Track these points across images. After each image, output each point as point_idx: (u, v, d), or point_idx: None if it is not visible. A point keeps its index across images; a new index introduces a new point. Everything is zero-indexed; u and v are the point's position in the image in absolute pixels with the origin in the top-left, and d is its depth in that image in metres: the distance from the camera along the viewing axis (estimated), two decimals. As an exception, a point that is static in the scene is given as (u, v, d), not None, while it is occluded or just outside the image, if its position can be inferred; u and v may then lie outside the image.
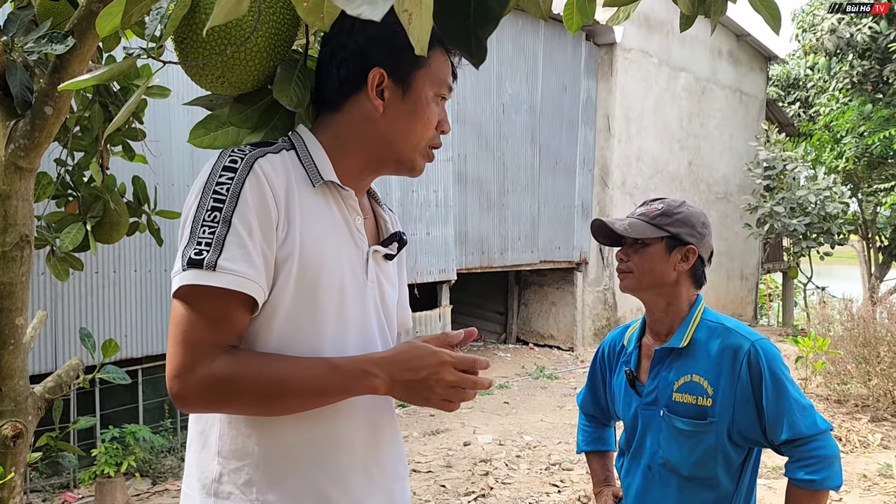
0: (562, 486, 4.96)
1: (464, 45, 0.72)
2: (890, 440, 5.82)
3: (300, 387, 1.11)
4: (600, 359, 2.07)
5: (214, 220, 1.09)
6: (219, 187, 1.11)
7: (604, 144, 10.32)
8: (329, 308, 1.19)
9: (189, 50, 1.18)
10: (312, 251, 1.16)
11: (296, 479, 1.17)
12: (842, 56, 12.71)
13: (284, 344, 1.16)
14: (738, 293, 13.32)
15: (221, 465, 1.17)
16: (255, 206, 1.11)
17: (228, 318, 1.10)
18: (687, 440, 1.75)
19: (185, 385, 1.07)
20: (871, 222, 13.82)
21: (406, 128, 1.24)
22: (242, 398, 1.10)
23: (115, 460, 4.72)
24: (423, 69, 1.23)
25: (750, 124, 13.15)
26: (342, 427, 1.20)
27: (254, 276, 1.10)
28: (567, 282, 10.37)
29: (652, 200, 1.88)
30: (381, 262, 1.32)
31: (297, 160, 1.22)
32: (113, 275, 5.14)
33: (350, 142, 1.26)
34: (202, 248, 1.08)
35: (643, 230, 1.79)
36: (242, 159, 1.14)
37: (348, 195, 1.24)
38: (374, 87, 1.21)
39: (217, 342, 1.09)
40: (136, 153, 3.11)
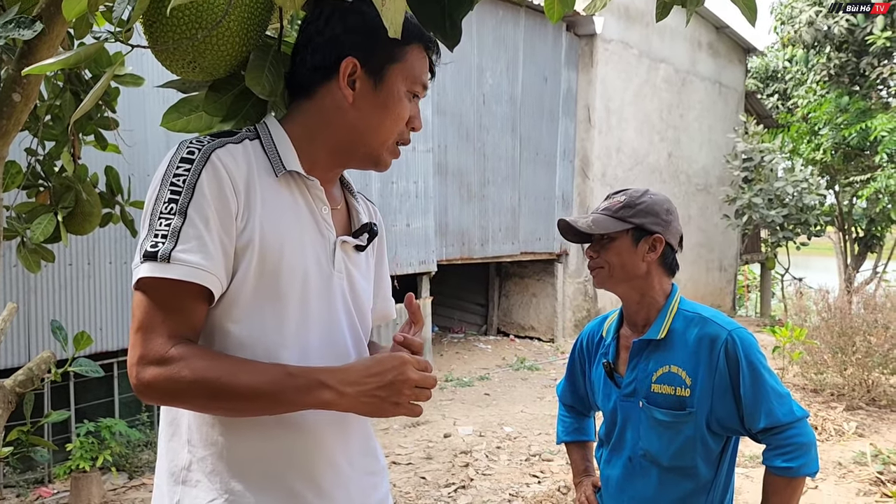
0: (542, 477, 4.98)
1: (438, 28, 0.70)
2: (864, 429, 5.90)
3: (249, 392, 1.07)
4: (579, 350, 2.06)
5: (171, 212, 1.09)
6: (175, 179, 1.10)
7: (584, 136, 10.34)
8: (291, 297, 1.17)
9: (159, 34, 1.14)
10: (272, 240, 1.15)
11: (260, 471, 1.17)
12: (819, 48, 12.82)
13: (246, 333, 1.15)
14: (717, 284, 13.43)
15: (191, 453, 1.17)
16: (213, 197, 1.10)
17: (183, 310, 1.10)
18: (666, 431, 1.76)
19: (139, 376, 1.07)
20: (847, 214, 13.98)
21: (375, 121, 1.22)
22: (192, 395, 1.08)
23: (90, 455, 4.66)
24: (397, 63, 1.21)
25: (729, 116, 13.24)
26: (307, 420, 1.18)
27: (209, 267, 1.09)
28: (548, 273, 10.39)
29: (615, 193, 1.87)
30: (352, 253, 1.30)
31: (261, 149, 1.20)
32: (87, 267, 5.06)
33: (318, 131, 1.23)
34: (158, 240, 1.07)
35: (607, 225, 1.77)
36: (200, 150, 1.13)
37: (313, 185, 1.22)
38: (346, 77, 1.19)
39: (171, 334, 1.08)
40: (108, 143, 3.05)
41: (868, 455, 5.13)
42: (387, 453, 5.49)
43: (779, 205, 11.84)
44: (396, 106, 1.22)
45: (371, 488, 1.30)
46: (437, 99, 8.29)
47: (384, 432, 6.04)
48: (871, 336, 6.64)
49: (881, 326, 6.66)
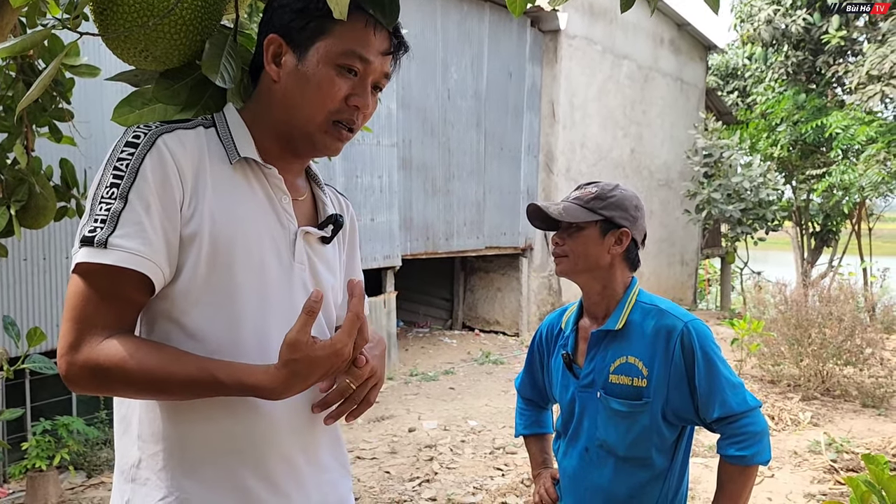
0: (506, 470, 5.01)
1: (377, 4, 0.70)
2: (819, 418, 6.05)
3: (177, 390, 1.06)
4: (538, 342, 2.06)
5: (112, 196, 1.05)
6: (119, 163, 1.07)
7: (549, 131, 10.40)
8: (247, 288, 1.14)
9: (109, 21, 1.12)
10: (224, 230, 1.11)
11: (212, 467, 1.13)
12: (777, 47, 13.08)
13: (197, 326, 1.11)
14: (679, 278, 13.64)
15: (141, 449, 1.14)
16: (156, 183, 1.07)
17: (119, 298, 1.06)
18: (623, 420, 1.78)
19: (69, 364, 1.04)
20: (803, 209, 14.30)
21: (297, 97, 1.16)
22: (121, 386, 1.06)
23: (47, 453, 4.56)
24: (325, 36, 1.14)
25: (690, 112, 13.43)
26: (262, 416, 1.16)
27: (148, 253, 1.05)
28: (512, 268, 10.44)
29: (586, 184, 1.89)
30: (316, 245, 1.27)
31: (216, 137, 1.17)
32: (42, 262, 4.95)
33: (260, 115, 1.21)
34: (97, 224, 1.04)
35: (577, 214, 1.79)
36: (146, 135, 1.09)
37: (271, 173, 1.19)
38: (271, 55, 1.16)
39: (105, 323, 1.05)
40: (63, 134, 2.99)
41: (822, 444, 5.27)
42: (351, 448, 5.47)
43: (737, 200, 12.07)
44: (318, 79, 1.14)
45: (329, 486, 1.27)
46: (402, 93, 8.27)
47: (348, 427, 6.02)
48: (826, 328, 6.81)
49: (835, 319, 6.83)
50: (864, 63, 11.05)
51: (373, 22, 1.14)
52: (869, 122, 11.16)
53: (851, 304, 7.21)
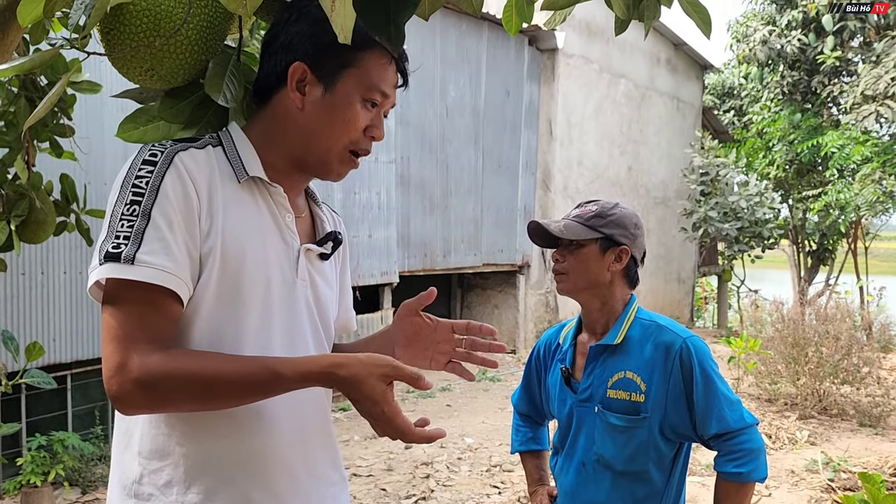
0: (502, 488, 4.99)
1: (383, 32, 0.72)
2: (816, 437, 6.04)
3: (238, 391, 1.07)
4: (536, 358, 2.07)
5: (133, 213, 1.06)
6: (138, 181, 1.09)
7: (546, 148, 10.45)
8: (252, 304, 1.16)
9: (116, 41, 1.14)
10: (234, 247, 1.14)
11: (217, 481, 1.14)
12: (773, 66, 13.19)
13: (206, 339, 1.13)
14: (676, 296, 13.65)
15: (142, 465, 1.14)
16: (176, 200, 1.08)
17: (156, 312, 1.06)
18: (620, 435, 1.79)
19: (121, 386, 1.03)
20: (800, 227, 14.36)
21: (323, 126, 1.20)
22: (179, 398, 1.06)
23: (42, 469, 4.54)
24: (351, 69, 1.18)
25: (687, 131, 13.51)
26: (268, 431, 1.17)
27: (174, 269, 1.07)
28: (509, 285, 10.45)
29: (586, 202, 1.91)
30: (316, 261, 1.30)
31: (224, 156, 1.19)
32: (41, 276, 4.95)
33: (273, 137, 1.23)
34: (120, 241, 1.05)
35: (578, 231, 1.81)
36: (163, 153, 1.11)
37: (276, 192, 1.22)
38: (295, 81, 1.19)
39: (149, 338, 1.05)
40: (64, 150, 3.01)
41: (819, 463, 5.26)
42: (347, 465, 5.45)
43: (733, 218, 12.11)
44: (346, 111, 1.19)
45: (331, 499, 1.29)
46: (401, 110, 8.31)
47: (345, 444, 6.00)
48: (823, 347, 6.82)
49: (832, 337, 6.84)
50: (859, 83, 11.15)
51: (391, 57, 1.20)
52: (864, 141, 11.25)
53: (848, 323, 7.22)
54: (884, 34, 11.60)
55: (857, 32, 12.04)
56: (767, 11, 13.09)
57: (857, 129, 11.36)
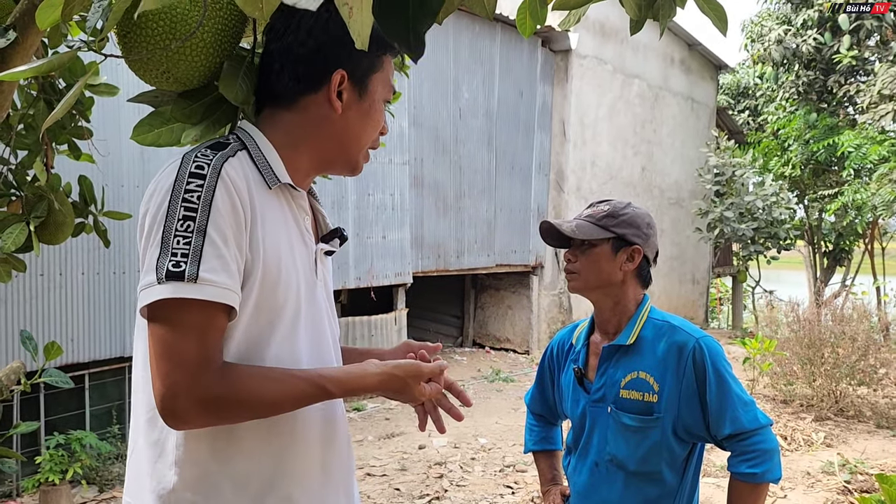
0: (515, 488, 4.99)
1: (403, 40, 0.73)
2: (833, 439, 6.00)
3: (290, 406, 1.15)
4: (549, 358, 2.08)
5: (188, 229, 1.06)
6: (188, 195, 1.08)
7: (559, 149, 10.44)
8: (286, 309, 1.18)
9: (133, 44, 1.16)
10: (273, 255, 1.16)
11: (258, 482, 1.16)
12: (788, 66, 13.09)
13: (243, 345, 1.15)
14: (690, 297, 13.59)
15: (179, 475, 1.14)
16: (227, 215, 1.09)
17: (215, 330, 1.08)
18: (633, 435, 1.78)
19: (182, 404, 1.05)
20: (816, 228, 14.25)
21: (360, 129, 1.26)
22: (238, 417, 1.11)
23: (60, 468, 4.59)
24: (377, 72, 1.25)
25: (701, 131, 13.44)
26: (300, 427, 1.21)
27: (233, 286, 1.09)
28: (523, 285, 10.45)
29: (599, 202, 1.91)
30: (324, 260, 1.33)
31: (250, 161, 1.19)
32: (59, 277, 5.01)
33: (303, 141, 1.24)
34: (179, 259, 1.05)
35: (590, 231, 1.81)
36: (209, 165, 1.11)
37: (299, 195, 1.25)
38: (335, 87, 1.21)
39: (208, 357, 1.07)
40: (82, 152, 3.04)
41: (836, 465, 5.23)
42: (361, 465, 5.47)
43: (749, 218, 12.04)
44: (378, 114, 1.27)
45: (353, 487, 1.36)
46: (414, 112, 8.34)
47: (359, 444, 6.02)
48: (839, 348, 6.77)
49: (848, 338, 6.79)
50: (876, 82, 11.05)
51: (396, 54, 1.29)
52: (881, 141, 11.13)
53: (865, 324, 7.16)
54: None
55: (874, 31, 11.93)
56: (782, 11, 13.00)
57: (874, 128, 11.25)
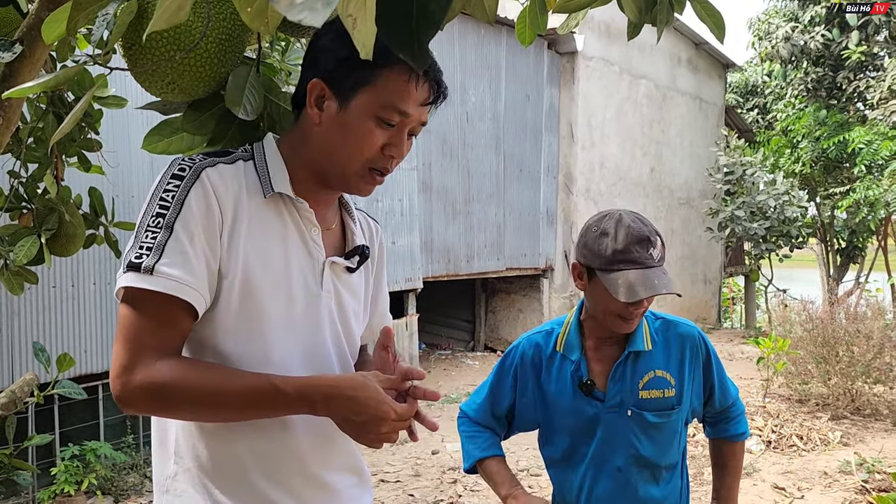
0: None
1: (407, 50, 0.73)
2: (849, 438, 5.94)
3: (237, 403, 1.12)
4: (518, 367, 1.91)
5: (158, 225, 1.11)
6: (165, 194, 1.13)
7: (567, 151, 10.42)
8: (275, 317, 1.19)
9: (137, 56, 1.17)
10: (255, 261, 1.17)
11: (244, 485, 1.19)
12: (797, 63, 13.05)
13: (231, 350, 1.17)
14: (702, 297, 13.52)
15: (178, 464, 1.20)
16: (199, 214, 1.12)
17: (169, 323, 1.11)
18: (658, 432, 1.82)
19: (124, 386, 1.08)
20: (828, 225, 14.16)
21: (337, 143, 1.20)
22: (179, 406, 1.11)
23: (75, 479, 4.62)
24: (367, 86, 1.16)
25: (710, 130, 13.39)
26: (290, 436, 1.22)
27: (192, 282, 1.11)
28: (533, 289, 10.42)
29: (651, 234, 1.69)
30: (342, 274, 1.31)
31: (254, 170, 1.22)
32: (71, 288, 5.04)
33: (297, 150, 1.25)
34: (143, 251, 1.09)
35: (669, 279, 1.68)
36: (191, 168, 1.15)
37: (303, 207, 1.24)
38: (314, 98, 1.20)
39: (158, 346, 1.10)
40: (92, 164, 3.06)
41: (853, 464, 5.17)
42: (375, 471, 5.47)
43: (761, 217, 11.97)
44: (359, 130, 1.18)
45: (352, 501, 1.33)
46: (421, 117, 8.34)
47: (371, 450, 6.02)
48: (854, 346, 6.71)
49: (863, 336, 6.73)
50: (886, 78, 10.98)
51: (415, 75, 1.16)
52: (892, 136, 11.06)
53: (880, 321, 7.09)
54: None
55: (883, 27, 11.86)
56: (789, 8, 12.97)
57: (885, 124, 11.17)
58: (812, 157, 12.81)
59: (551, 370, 1.87)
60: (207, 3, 1.12)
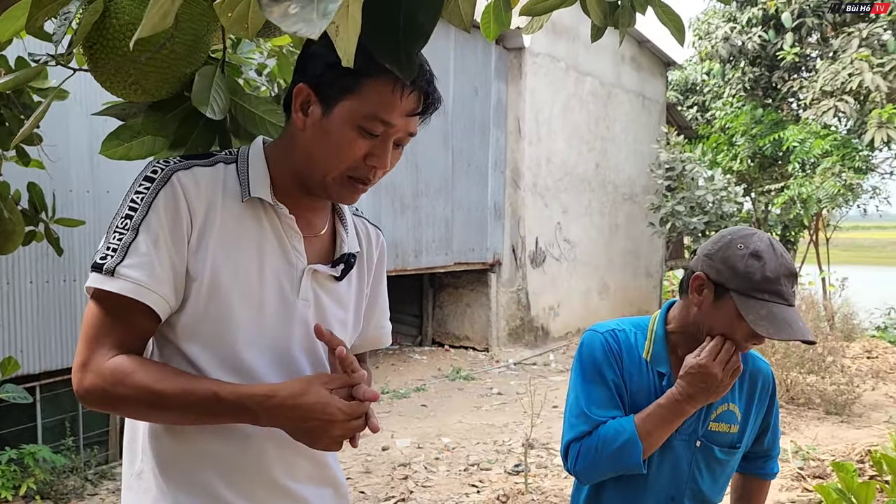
0: (480, 487, 5.02)
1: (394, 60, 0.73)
2: (785, 426, 6.18)
3: (176, 406, 1.11)
4: (615, 360, 1.67)
5: (125, 227, 1.12)
6: (136, 196, 1.14)
7: (515, 147, 10.51)
8: (244, 323, 1.18)
9: (99, 55, 1.13)
10: (225, 265, 1.16)
11: (203, 487, 1.19)
12: (735, 63, 13.42)
13: (201, 355, 1.17)
14: (644, 290, 13.83)
15: (143, 462, 1.22)
16: (166, 217, 1.12)
17: (126, 323, 1.13)
18: (720, 468, 1.71)
19: (80, 383, 1.12)
20: (762, 220, 14.64)
21: (317, 150, 1.18)
22: (125, 403, 1.12)
23: (12, 483, 4.45)
24: (351, 95, 1.14)
25: (652, 127, 13.68)
26: (252, 442, 1.21)
27: (152, 285, 1.11)
28: (481, 283, 10.49)
29: (790, 273, 1.54)
30: (326, 282, 1.29)
31: (235, 173, 1.21)
32: (6, 287, 4.84)
33: (284, 156, 1.24)
34: (108, 252, 1.12)
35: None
36: (163, 170, 1.15)
37: (283, 213, 1.22)
38: (299, 102, 1.18)
39: (113, 345, 1.12)
40: (31, 158, 2.94)
41: (789, 451, 5.38)
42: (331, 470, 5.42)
43: (700, 212, 12.30)
44: (338, 138, 1.16)
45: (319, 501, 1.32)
46: (369, 111, 8.29)
47: (321, 448, 5.98)
48: (789, 337, 6.96)
49: (798, 328, 6.98)
50: (818, 79, 11.40)
51: (401, 85, 1.13)
52: (824, 135, 11.50)
53: (812, 313, 7.39)
54: (840, 31, 11.88)
55: (815, 29, 12.30)
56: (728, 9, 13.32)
57: (817, 123, 11.61)
58: (749, 155, 13.23)
59: (633, 372, 1.66)
60: (174, 3, 1.09)
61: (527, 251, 10.67)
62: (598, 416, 1.61)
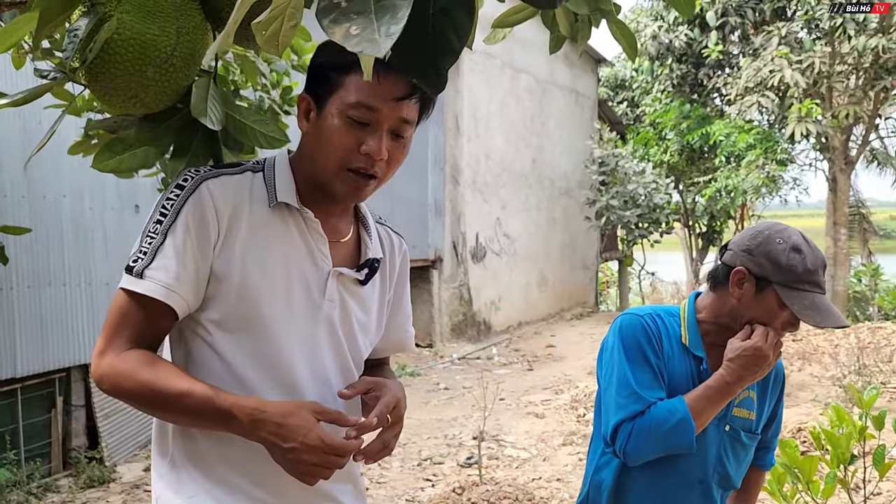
0: (435, 480, 5.09)
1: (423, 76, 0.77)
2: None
3: (175, 408, 1.17)
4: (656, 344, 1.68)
5: (155, 231, 1.19)
6: (167, 202, 1.20)
7: (454, 143, 10.60)
8: (272, 321, 1.23)
9: (100, 70, 1.14)
10: (254, 268, 1.22)
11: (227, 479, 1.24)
12: (663, 60, 13.86)
13: (230, 351, 1.22)
14: (581, 282, 14.16)
15: (174, 456, 1.26)
16: (193, 223, 1.18)
17: (146, 320, 1.19)
18: (743, 451, 1.74)
19: (96, 368, 1.19)
20: (690, 211, 15.19)
21: (316, 148, 1.24)
22: (129, 397, 1.18)
23: (-48, 501, 4.28)
24: (339, 90, 1.20)
25: (585, 123, 14.01)
26: None
27: (175, 286, 1.17)
28: (423, 280, 10.55)
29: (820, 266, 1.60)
30: (351, 285, 1.33)
31: (262, 181, 1.26)
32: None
33: (301, 163, 1.29)
34: (140, 255, 1.19)
35: None
36: (192, 178, 1.21)
37: (308, 217, 1.27)
38: (302, 111, 1.25)
39: (129, 339, 1.18)
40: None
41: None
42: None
43: (633, 205, 12.69)
44: (330, 131, 1.20)
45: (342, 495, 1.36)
46: (309, 110, 8.23)
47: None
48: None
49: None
50: (741, 76, 11.90)
51: (383, 71, 1.16)
52: (748, 130, 12.03)
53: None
54: (761, 29, 12.42)
55: (737, 27, 12.83)
56: (655, 7, 13.75)
57: (741, 118, 12.12)
58: (678, 149, 13.71)
59: (671, 355, 1.69)
60: (176, 18, 1.12)
61: (468, 247, 10.79)
62: (649, 396, 1.61)
